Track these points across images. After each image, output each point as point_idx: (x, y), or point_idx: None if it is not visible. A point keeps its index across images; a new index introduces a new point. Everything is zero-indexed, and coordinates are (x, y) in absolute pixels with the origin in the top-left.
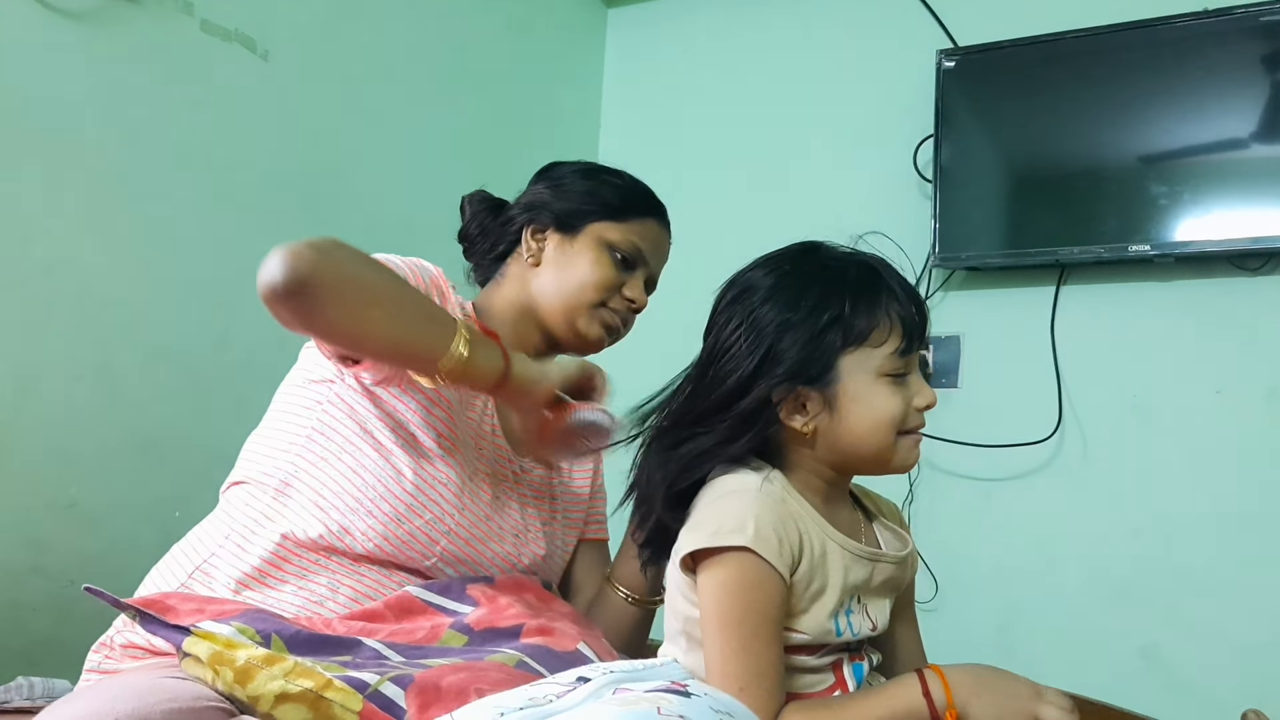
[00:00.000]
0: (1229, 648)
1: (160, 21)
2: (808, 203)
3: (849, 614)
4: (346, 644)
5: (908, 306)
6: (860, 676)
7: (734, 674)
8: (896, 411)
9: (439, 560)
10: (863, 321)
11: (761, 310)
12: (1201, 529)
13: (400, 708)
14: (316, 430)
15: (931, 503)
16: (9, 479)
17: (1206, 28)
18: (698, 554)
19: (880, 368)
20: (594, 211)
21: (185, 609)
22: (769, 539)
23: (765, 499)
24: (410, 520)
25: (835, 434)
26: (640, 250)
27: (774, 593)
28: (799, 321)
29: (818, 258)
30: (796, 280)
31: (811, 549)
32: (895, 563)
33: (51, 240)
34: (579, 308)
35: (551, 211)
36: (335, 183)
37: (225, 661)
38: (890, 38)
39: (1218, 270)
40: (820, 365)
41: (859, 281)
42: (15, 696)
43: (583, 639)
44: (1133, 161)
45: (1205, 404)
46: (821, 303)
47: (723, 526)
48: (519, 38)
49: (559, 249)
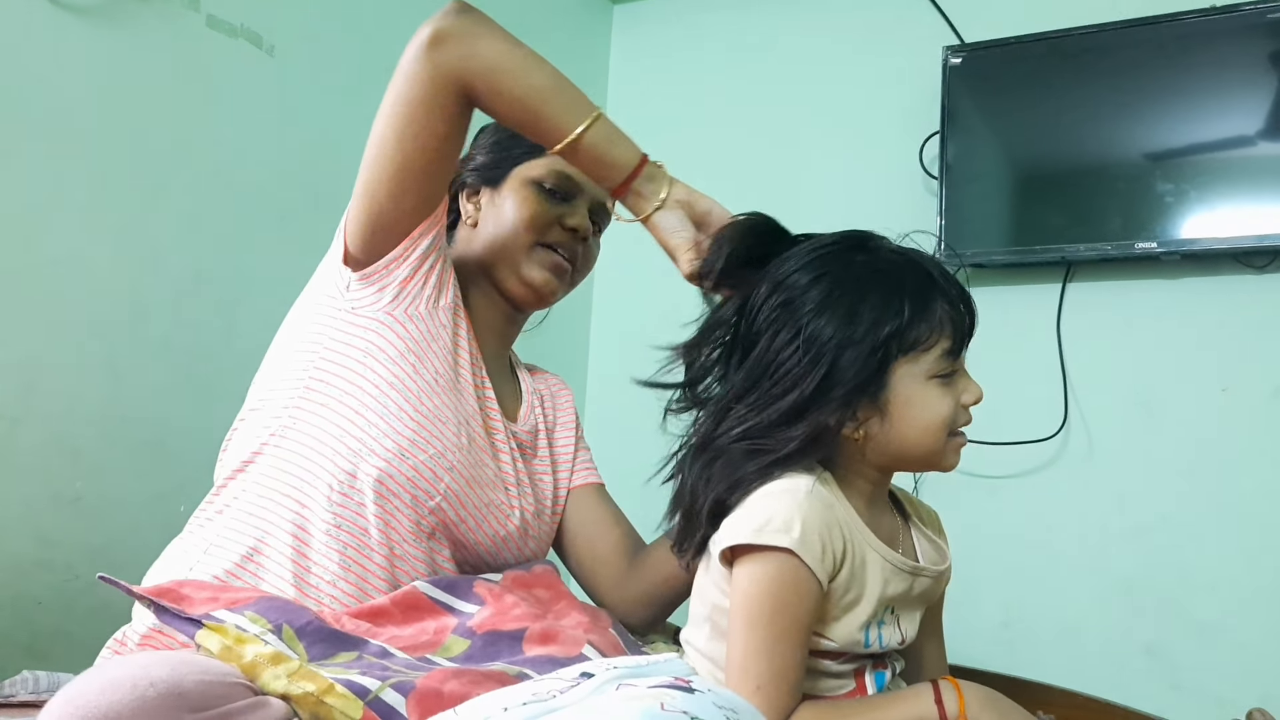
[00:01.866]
0: (1234, 646)
1: (166, 17)
2: (813, 199)
3: (881, 625)
4: (355, 641)
5: (958, 307)
6: (881, 684)
7: (753, 672)
8: (947, 413)
9: (442, 499)
10: (919, 329)
11: (817, 324)
12: (1207, 527)
13: (401, 715)
14: (314, 380)
15: (936, 500)
16: (15, 473)
17: (1213, 25)
18: (737, 547)
19: (930, 370)
20: (516, 155)
21: (199, 597)
22: (813, 544)
23: (815, 502)
24: (414, 454)
25: (887, 438)
26: (569, 177)
27: (809, 598)
28: (860, 338)
29: (870, 258)
30: (852, 288)
31: (853, 558)
32: (933, 577)
33: (57, 235)
34: (517, 251)
35: (478, 171)
36: (341, 178)
37: (234, 657)
38: (896, 34)
39: (1224, 268)
40: (878, 380)
41: (915, 286)
42: (21, 690)
43: (588, 639)
44: (1139, 159)
45: (1211, 402)
46: (880, 315)
47: (769, 524)
48: (523, 34)
49: (489, 202)
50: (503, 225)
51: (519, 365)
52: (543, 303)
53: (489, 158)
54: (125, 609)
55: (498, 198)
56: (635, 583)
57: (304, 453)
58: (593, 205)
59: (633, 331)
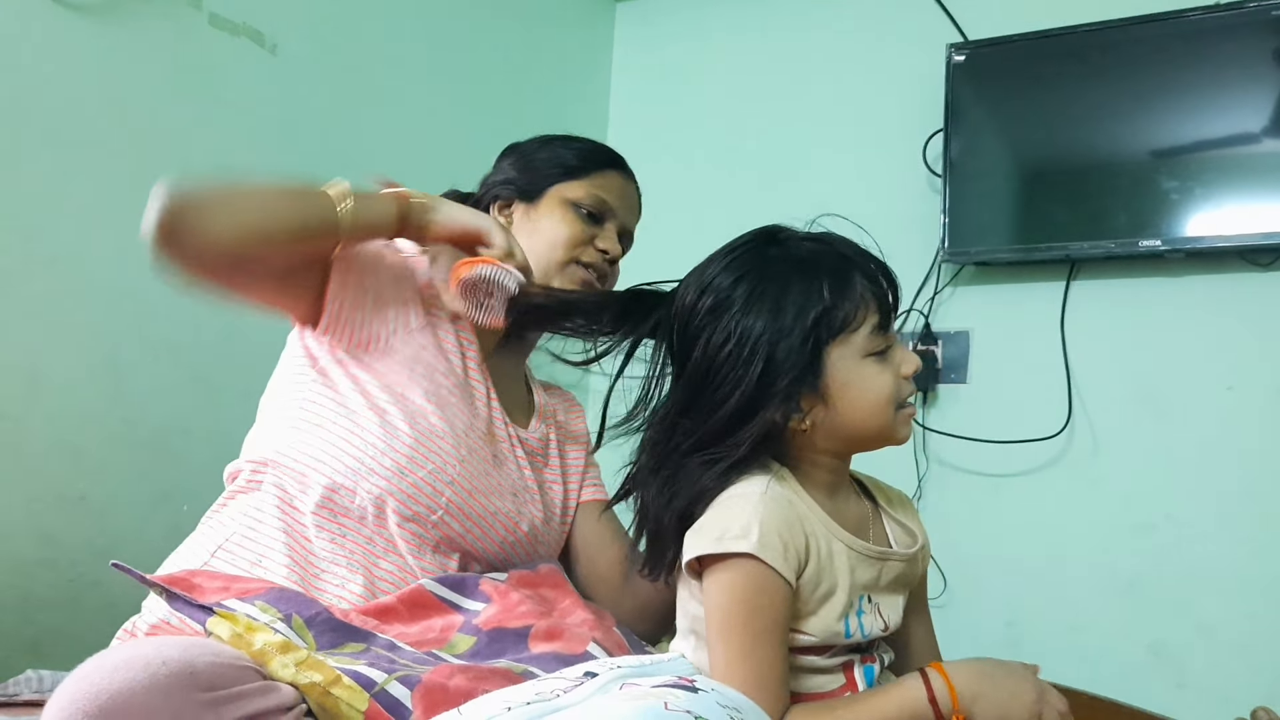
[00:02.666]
0: (1239, 645)
1: (168, 15)
2: (817, 196)
3: (860, 614)
4: (363, 633)
5: (878, 282)
6: (871, 678)
7: (738, 679)
8: (888, 388)
9: (444, 513)
10: (844, 309)
11: (746, 322)
12: (1211, 525)
13: (406, 708)
14: (307, 407)
15: (940, 498)
16: (19, 472)
17: (1218, 22)
18: (704, 558)
19: (863, 348)
20: (553, 175)
21: (211, 587)
22: (773, 544)
23: (771, 503)
24: (413, 472)
25: (834, 424)
26: (605, 201)
27: (778, 599)
28: (789, 328)
29: (783, 249)
30: (771, 281)
31: (818, 550)
32: (904, 560)
33: (59, 234)
34: (551, 268)
35: (514, 184)
36: (343, 176)
37: (243, 644)
38: (900, 31)
39: (1229, 265)
40: (815, 367)
41: (831, 268)
42: (24, 689)
43: (594, 636)
44: (1144, 156)
45: (1216, 400)
46: (805, 302)
47: (726, 532)
48: (527, 32)
49: (525, 217)
50: (540, 242)
51: (534, 381)
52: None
53: (523, 175)
54: (129, 608)
55: (534, 213)
56: (630, 598)
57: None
58: (621, 229)
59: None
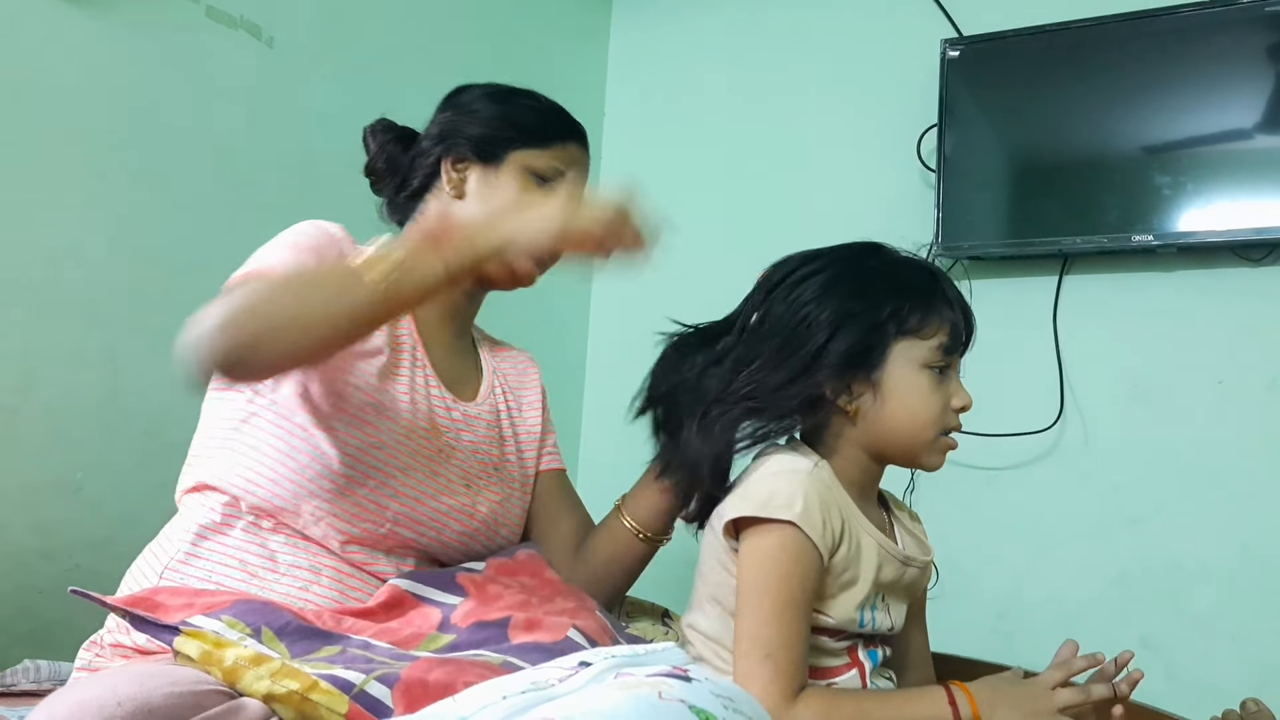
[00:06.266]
0: (1229, 637)
1: (165, 8)
2: (810, 191)
3: (874, 609)
4: (336, 636)
5: (958, 313)
6: (875, 660)
7: (764, 639)
8: (936, 408)
9: (393, 525)
10: (920, 314)
11: (825, 297)
12: (1202, 519)
13: (387, 707)
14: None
15: (931, 491)
16: (16, 463)
17: (1211, 17)
18: (741, 522)
19: (925, 359)
20: (514, 138)
21: (175, 604)
22: (815, 518)
23: (815, 482)
24: (354, 492)
25: (877, 417)
26: (564, 174)
27: (811, 569)
28: (862, 311)
29: (880, 258)
30: (860, 276)
31: (850, 538)
32: (920, 568)
33: (56, 225)
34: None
35: (468, 139)
36: (340, 170)
37: (214, 661)
38: (895, 27)
39: (1221, 260)
40: (875, 353)
41: (918, 282)
42: (22, 680)
43: (574, 623)
44: (1136, 151)
45: (1207, 394)
46: (885, 296)
47: (773, 499)
48: (523, 28)
49: (482, 180)
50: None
51: (481, 342)
52: (519, 285)
53: (486, 131)
54: None
55: (494, 179)
56: (581, 567)
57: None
58: None
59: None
